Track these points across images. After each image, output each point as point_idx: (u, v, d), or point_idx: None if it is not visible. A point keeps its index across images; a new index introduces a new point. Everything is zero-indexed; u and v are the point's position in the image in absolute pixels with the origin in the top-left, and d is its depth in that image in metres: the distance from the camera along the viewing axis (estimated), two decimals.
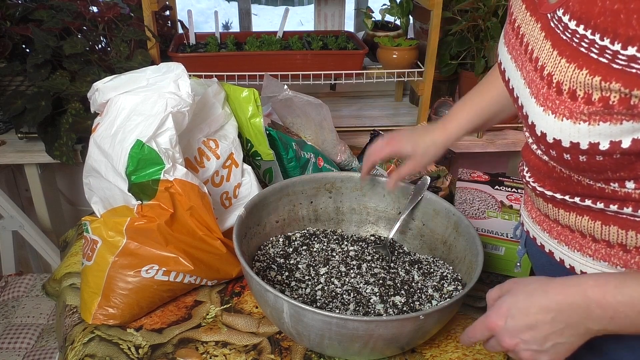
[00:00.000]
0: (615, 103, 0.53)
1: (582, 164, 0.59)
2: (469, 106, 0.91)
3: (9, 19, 1.46)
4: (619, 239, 0.63)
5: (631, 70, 0.51)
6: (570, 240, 0.70)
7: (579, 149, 0.57)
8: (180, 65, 0.97)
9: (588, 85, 0.55)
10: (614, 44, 0.52)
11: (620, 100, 0.53)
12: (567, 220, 0.69)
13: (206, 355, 0.85)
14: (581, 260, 0.69)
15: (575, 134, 0.57)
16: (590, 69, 0.54)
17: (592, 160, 0.58)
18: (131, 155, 0.88)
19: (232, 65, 1.52)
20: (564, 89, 0.57)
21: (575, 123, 0.56)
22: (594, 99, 0.55)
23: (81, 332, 0.90)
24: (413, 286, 0.91)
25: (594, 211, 0.65)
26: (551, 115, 0.58)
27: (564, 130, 0.58)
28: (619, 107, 0.53)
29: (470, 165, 1.41)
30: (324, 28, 1.89)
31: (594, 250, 0.67)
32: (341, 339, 0.74)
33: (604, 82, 0.53)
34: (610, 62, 0.53)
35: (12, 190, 1.91)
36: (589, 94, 0.55)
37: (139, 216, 0.89)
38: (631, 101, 0.52)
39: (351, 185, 1.06)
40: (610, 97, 0.53)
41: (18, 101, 1.41)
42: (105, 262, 0.90)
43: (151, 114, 0.90)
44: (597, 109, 0.54)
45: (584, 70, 0.55)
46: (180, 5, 1.77)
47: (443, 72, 1.63)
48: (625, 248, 0.63)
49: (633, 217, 0.61)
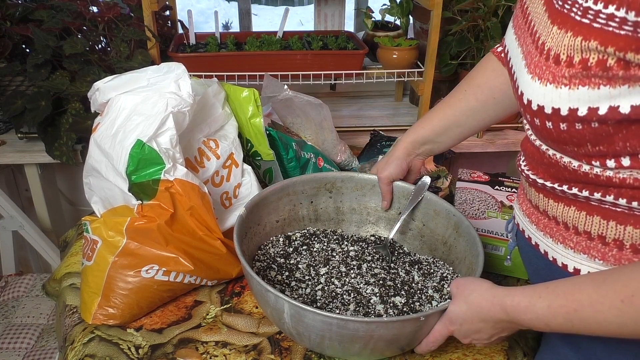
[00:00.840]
0: (593, 65, 0.56)
1: (563, 133, 0.62)
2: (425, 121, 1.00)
3: (9, 19, 1.46)
4: (600, 230, 0.67)
5: (607, 28, 0.54)
6: (555, 233, 0.73)
7: (560, 116, 0.60)
8: (181, 65, 0.97)
9: (571, 47, 0.58)
10: (596, 3, 0.55)
11: (598, 61, 0.56)
12: (555, 211, 0.72)
13: (206, 355, 0.85)
14: (563, 253, 0.72)
15: (557, 99, 0.60)
16: (574, 30, 0.58)
17: (572, 129, 0.61)
18: (131, 155, 0.88)
19: (232, 65, 1.52)
20: (552, 54, 0.60)
21: (557, 87, 0.60)
22: (575, 61, 0.58)
23: (81, 332, 0.90)
24: (413, 287, 0.91)
25: (580, 201, 0.68)
26: (537, 82, 0.62)
27: (546, 95, 0.61)
28: (596, 68, 0.56)
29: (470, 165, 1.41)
30: (324, 28, 1.89)
31: (575, 242, 0.70)
32: (341, 339, 0.74)
33: (585, 41, 0.56)
34: (592, 22, 0.56)
35: (12, 190, 1.90)
36: (571, 56, 0.58)
37: (139, 216, 0.89)
38: (607, 63, 0.55)
39: (351, 185, 1.06)
40: (589, 58, 0.57)
41: (18, 101, 1.40)
42: (105, 262, 0.90)
43: (152, 113, 0.90)
44: (577, 71, 0.58)
45: (569, 32, 0.58)
46: (180, 5, 1.77)
47: (443, 72, 1.63)
48: (605, 240, 0.67)
49: (614, 207, 0.65)
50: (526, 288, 0.68)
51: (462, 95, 0.94)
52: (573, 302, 0.62)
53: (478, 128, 0.97)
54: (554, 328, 0.65)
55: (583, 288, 0.62)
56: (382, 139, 1.42)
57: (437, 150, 1.01)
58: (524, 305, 0.66)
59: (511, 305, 0.68)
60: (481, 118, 0.94)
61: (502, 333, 0.73)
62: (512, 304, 0.68)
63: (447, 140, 0.98)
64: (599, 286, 0.61)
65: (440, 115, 0.97)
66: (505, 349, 0.89)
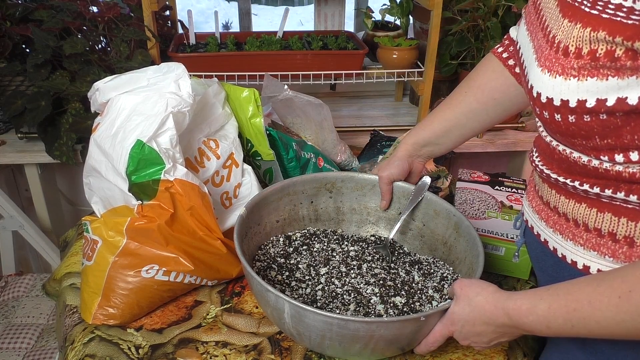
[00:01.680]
0: (601, 55, 0.57)
1: (571, 126, 0.63)
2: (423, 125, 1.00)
3: (9, 19, 1.46)
4: (610, 227, 0.67)
5: (616, 18, 0.56)
6: (565, 230, 0.74)
7: (568, 108, 0.61)
8: (181, 65, 0.97)
9: (580, 38, 0.59)
10: None
11: (606, 52, 0.57)
12: (566, 207, 0.73)
13: (206, 355, 0.85)
14: (573, 250, 0.73)
15: (566, 91, 0.61)
16: (583, 21, 0.59)
17: (581, 121, 0.61)
18: (131, 155, 0.88)
19: (232, 65, 1.52)
20: (561, 47, 0.61)
21: (566, 79, 0.60)
22: (584, 52, 0.59)
23: (81, 332, 0.90)
24: (413, 287, 0.91)
25: (591, 198, 0.69)
26: (547, 74, 0.63)
27: (555, 87, 0.62)
28: (605, 59, 0.57)
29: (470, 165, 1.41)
30: (324, 28, 1.89)
31: (585, 239, 0.71)
32: (342, 339, 0.74)
33: (593, 31, 0.57)
34: (601, 12, 0.57)
35: (12, 190, 1.90)
36: (580, 48, 0.59)
37: (139, 216, 0.89)
38: (615, 53, 0.56)
39: (351, 186, 1.06)
40: (597, 49, 0.58)
41: (18, 101, 1.40)
42: (105, 262, 0.90)
43: (152, 113, 0.90)
44: (586, 62, 0.59)
45: (578, 24, 0.59)
46: (180, 5, 1.77)
47: (443, 72, 1.63)
48: (615, 237, 0.67)
49: (625, 204, 0.65)
50: (528, 292, 0.69)
51: (463, 97, 0.94)
52: (572, 301, 0.62)
53: (479, 129, 0.97)
54: (555, 330, 0.65)
55: (582, 288, 0.63)
56: (382, 139, 1.42)
57: (438, 152, 1.01)
58: (525, 307, 0.67)
59: (513, 308, 0.68)
60: (482, 119, 0.94)
61: (502, 338, 0.73)
62: (514, 306, 0.68)
63: (448, 142, 0.98)
64: (598, 285, 0.61)
65: (440, 118, 0.97)
66: (505, 349, 0.89)
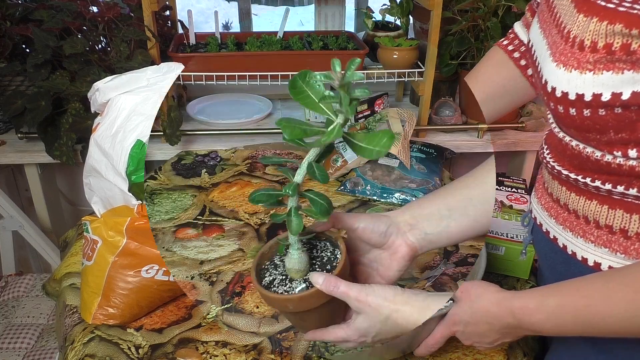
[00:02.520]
0: (617, 49, 0.58)
1: (586, 120, 0.62)
2: None
3: (9, 19, 1.46)
4: (622, 224, 0.67)
5: (632, 11, 0.56)
6: (575, 227, 0.73)
7: (584, 101, 0.61)
8: (181, 66, 0.97)
9: (596, 32, 0.59)
10: None
11: (622, 45, 0.57)
12: (576, 204, 0.72)
13: (206, 355, 0.85)
14: (583, 246, 0.72)
15: (581, 85, 0.61)
16: (600, 15, 0.59)
17: (595, 115, 0.61)
18: (131, 155, 0.88)
19: (233, 65, 1.51)
20: (577, 41, 0.62)
21: (581, 73, 0.61)
22: (599, 46, 0.59)
23: (81, 332, 0.90)
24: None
25: (602, 195, 0.68)
26: (562, 69, 0.63)
27: (571, 81, 0.62)
28: (620, 52, 0.57)
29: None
30: (324, 28, 1.89)
31: (596, 236, 0.70)
32: None
33: (610, 25, 0.58)
34: (617, 6, 0.58)
35: (12, 190, 1.90)
36: (595, 42, 0.60)
37: (139, 216, 0.89)
38: (631, 46, 0.57)
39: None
40: (613, 43, 0.58)
41: (18, 101, 1.40)
42: (105, 262, 0.90)
43: (152, 113, 0.90)
44: (601, 55, 0.59)
45: (594, 18, 0.60)
46: (180, 5, 1.77)
47: (443, 72, 1.63)
48: (627, 234, 0.67)
49: (637, 200, 0.65)
50: (533, 290, 0.67)
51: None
52: (584, 297, 0.61)
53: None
54: (562, 329, 0.64)
55: (592, 284, 0.62)
56: None
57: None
58: (532, 306, 0.65)
59: (519, 307, 0.66)
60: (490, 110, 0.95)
61: (505, 338, 0.72)
62: (520, 305, 0.66)
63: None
64: (608, 281, 0.61)
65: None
66: (505, 349, 0.89)
